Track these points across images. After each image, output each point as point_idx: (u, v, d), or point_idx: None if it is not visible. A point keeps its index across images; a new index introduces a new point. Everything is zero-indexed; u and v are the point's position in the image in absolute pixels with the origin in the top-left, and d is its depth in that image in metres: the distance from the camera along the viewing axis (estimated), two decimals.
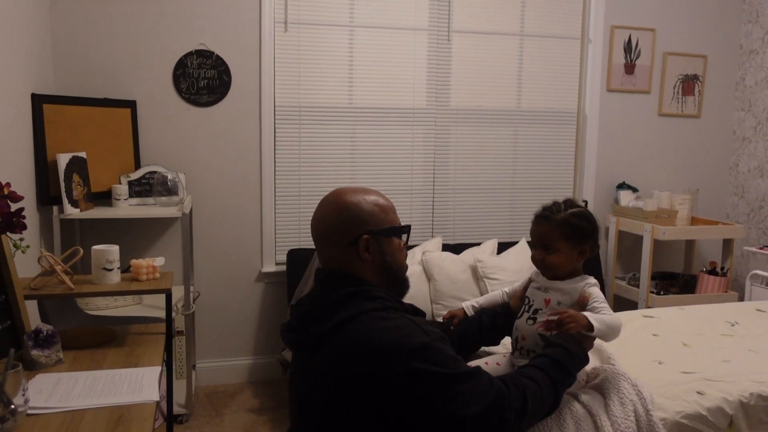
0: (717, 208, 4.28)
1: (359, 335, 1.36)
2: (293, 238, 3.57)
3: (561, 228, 1.69)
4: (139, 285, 2.02)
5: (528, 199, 3.90)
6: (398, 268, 1.53)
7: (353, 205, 1.48)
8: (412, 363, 1.31)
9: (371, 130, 3.62)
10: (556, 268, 1.71)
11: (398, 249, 1.52)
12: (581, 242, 1.71)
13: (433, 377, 1.31)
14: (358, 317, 1.38)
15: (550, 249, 1.70)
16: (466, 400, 1.33)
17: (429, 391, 1.31)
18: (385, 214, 1.51)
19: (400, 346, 1.32)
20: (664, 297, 3.68)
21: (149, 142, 3.26)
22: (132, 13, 3.18)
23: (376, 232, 1.47)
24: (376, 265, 1.49)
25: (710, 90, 4.17)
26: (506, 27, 3.77)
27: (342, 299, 1.42)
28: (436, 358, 1.33)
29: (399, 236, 1.53)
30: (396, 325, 1.37)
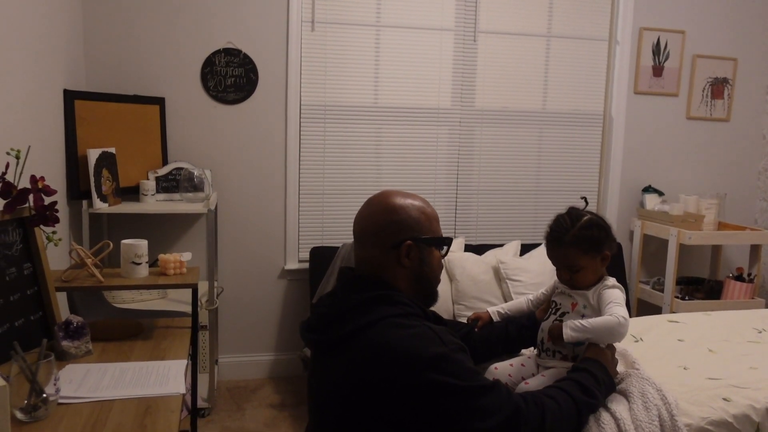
0: (745, 214, 4.22)
1: (378, 341, 1.36)
2: (317, 236, 3.59)
3: (577, 246, 1.69)
4: (167, 279, 2.05)
5: (552, 201, 3.88)
6: (433, 279, 1.54)
7: (402, 209, 1.49)
8: (428, 374, 1.31)
9: (396, 130, 3.63)
10: (585, 281, 1.73)
11: (437, 260, 1.53)
12: (600, 250, 1.71)
13: (450, 389, 1.31)
14: (379, 323, 1.38)
15: (574, 268, 1.70)
16: (483, 414, 1.32)
17: (445, 403, 1.31)
18: (429, 223, 1.51)
19: (418, 356, 1.32)
20: (689, 302, 3.64)
21: (177, 138, 3.31)
22: (162, 12, 3.22)
23: (419, 240, 1.48)
24: (412, 272, 1.49)
25: (740, 93, 4.11)
26: (533, 28, 3.76)
27: (365, 303, 1.42)
28: (453, 369, 1.33)
29: (440, 247, 1.53)
30: (415, 334, 1.36)
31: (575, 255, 1.69)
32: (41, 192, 1.75)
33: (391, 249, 1.46)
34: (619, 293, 1.69)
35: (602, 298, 1.68)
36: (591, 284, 1.73)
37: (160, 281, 2.04)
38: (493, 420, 1.33)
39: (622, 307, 1.65)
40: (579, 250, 1.68)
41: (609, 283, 1.71)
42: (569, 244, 1.69)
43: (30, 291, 1.77)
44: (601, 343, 1.65)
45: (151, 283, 2.02)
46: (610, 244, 1.73)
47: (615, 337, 1.65)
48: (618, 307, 1.64)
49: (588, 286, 1.73)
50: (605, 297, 1.68)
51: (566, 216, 1.74)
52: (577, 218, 1.72)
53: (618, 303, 1.65)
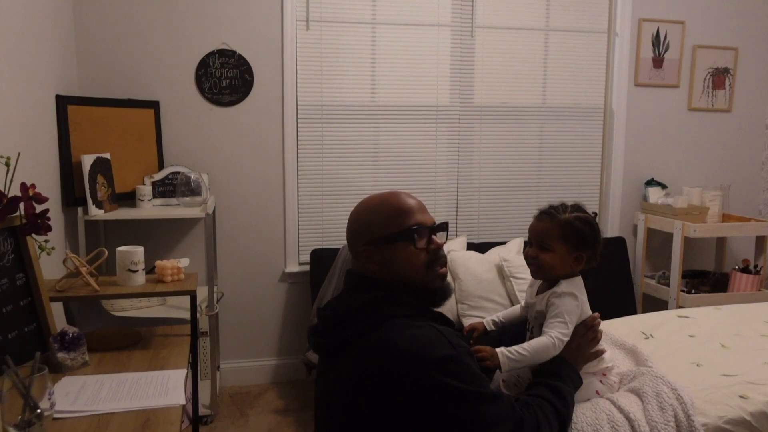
0: (749, 205, 4.17)
1: (383, 342, 1.33)
2: (316, 238, 3.54)
3: (562, 228, 1.61)
4: (164, 286, 2.00)
5: (554, 197, 3.83)
6: (412, 275, 1.44)
7: (355, 217, 1.49)
8: (434, 375, 1.27)
9: (394, 128, 3.58)
10: (547, 268, 1.62)
11: (407, 255, 1.43)
12: (579, 247, 1.62)
13: (455, 393, 1.28)
14: (384, 323, 1.36)
15: (545, 247, 1.63)
16: (489, 422, 1.29)
17: (449, 406, 1.28)
18: (385, 220, 1.44)
19: (424, 357, 1.29)
20: (696, 296, 3.59)
21: (172, 142, 3.26)
22: (154, 14, 3.17)
23: (374, 242, 1.43)
24: (385, 274, 1.44)
25: (741, 83, 4.06)
26: (531, 22, 3.71)
27: (368, 304, 1.40)
28: (460, 372, 1.30)
29: (406, 240, 1.43)
30: (421, 335, 1.33)
31: (555, 234, 1.61)
32: (32, 199, 1.70)
33: (357, 259, 1.47)
34: (569, 302, 1.58)
35: (550, 308, 1.60)
36: (551, 274, 1.64)
37: (158, 289, 1.99)
38: (498, 429, 1.29)
39: (563, 322, 1.55)
40: (561, 233, 1.61)
41: (560, 290, 1.60)
42: (557, 223, 1.61)
43: (23, 302, 1.72)
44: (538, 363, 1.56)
45: (148, 291, 1.97)
46: (592, 252, 1.64)
47: (549, 357, 1.54)
48: (558, 326, 1.55)
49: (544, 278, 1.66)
50: (552, 309, 1.59)
51: (571, 205, 1.70)
52: (579, 210, 1.67)
53: (560, 320, 1.56)
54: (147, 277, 2.06)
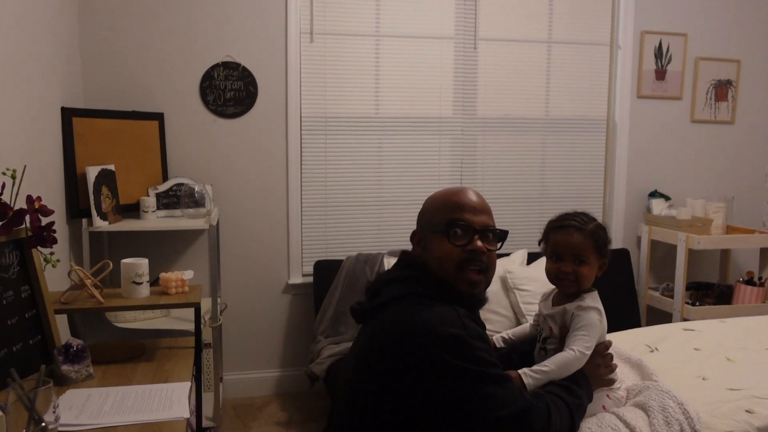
0: (753, 216, 4.16)
1: (399, 314, 1.39)
2: (320, 249, 3.54)
3: (593, 238, 1.64)
4: (168, 299, 2.00)
5: (557, 208, 3.78)
6: (438, 267, 1.45)
7: (424, 202, 1.57)
8: (440, 353, 1.30)
9: (398, 140, 3.59)
10: (586, 280, 1.64)
11: (441, 247, 1.45)
12: (605, 255, 1.66)
13: (456, 371, 1.30)
14: (406, 297, 1.42)
15: (583, 260, 1.64)
16: (496, 403, 1.31)
17: (451, 384, 1.30)
18: (436, 210, 1.50)
19: (431, 333, 1.32)
20: (700, 308, 3.58)
21: (177, 154, 3.27)
22: (159, 27, 3.19)
23: (423, 227, 1.52)
24: (423, 259, 1.49)
25: (744, 95, 4.07)
26: (533, 34, 3.72)
27: (400, 279, 1.47)
28: (466, 353, 1.31)
29: (445, 233, 1.45)
30: (437, 312, 1.36)
31: (588, 246, 1.63)
32: (38, 212, 1.70)
33: (411, 239, 1.56)
34: (594, 316, 1.60)
35: (574, 320, 1.60)
36: (585, 287, 1.65)
37: (162, 301, 1.99)
38: (504, 411, 1.30)
39: (588, 336, 1.56)
40: (592, 244, 1.63)
41: (585, 304, 1.61)
42: (587, 235, 1.63)
43: (28, 314, 1.72)
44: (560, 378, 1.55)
45: (152, 303, 1.97)
46: (610, 256, 1.68)
47: (573, 371, 1.54)
48: (582, 339, 1.55)
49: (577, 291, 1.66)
50: (576, 321, 1.59)
51: (582, 213, 1.70)
52: (593, 218, 1.69)
53: (584, 333, 1.56)
54: (151, 288, 2.06)
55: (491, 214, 1.52)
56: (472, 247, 1.44)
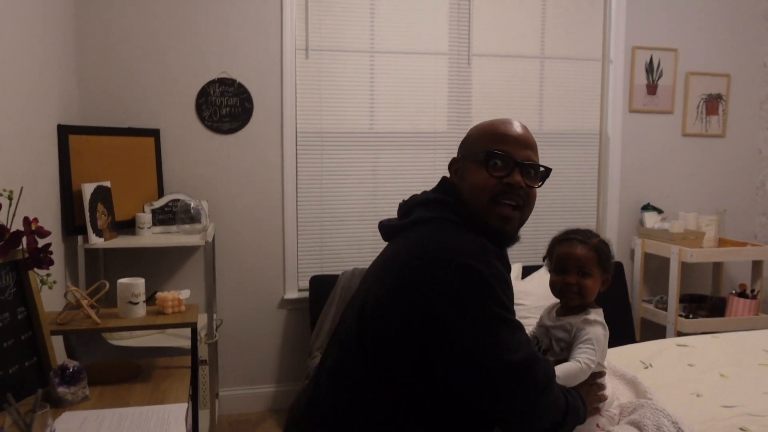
0: (745, 229, 4.20)
1: (425, 235, 1.36)
2: (316, 264, 3.55)
3: (597, 252, 1.66)
4: (165, 319, 2.00)
5: (551, 222, 3.85)
6: (471, 197, 1.42)
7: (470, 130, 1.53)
8: (453, 282, 1.25)
9: (393, 155, 3.61)
10: (590, 293, 1.65)
11: (477, 177, 1.41)
12: (608, 270, 1.68)
13: (470, 306, 1.25)
14: (434, 221, 1.39)
15: (587, 273, 1.65)
16: (503, 346, 1.26)
17: (462, 319, 1.25)
18: (478, 138, 1.46)
19: (449, 260, 1.27)
20: (694, 321, 3.60)
21: (172, 170, 3.27)
22: (155, 43, 3.21)
23: (463, 155, 1.48)
24: (461, 189, 1.45)
25: (734, 109, 4.11)
26: (526, 49, 3.76)
27: (432, 201, 1.44)
28: (482, 289, 1.26)
29: (483, 163, 1.40)
30: (462, 240, 1.32)
31: (593, 260, 1.65)
32: (35, 234, 1.71)
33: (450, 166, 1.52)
34: (600, 331, 1.60)
35: (579, 333, 1.60)
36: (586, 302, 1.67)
37: (159, 321, 1.99)
38: (510, 356, 1.25)
39: (593, 349, 1.56)
40: (597, 257, 1.65)
41: (591, 318, 1.62)
42: (592, 248, 1.65)
43: (24, 336, 1.72)
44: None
45: (149, 323, 1.97)
46: (612, 273, 1.70)
47: (576, 383, 1.54)
48: (588, 351, 1.56)
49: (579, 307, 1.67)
50: (582, 334, 1.60)
51: (585, 230, 1.72)
52: (596, 235, 1.72)
53: (590, 346, 1.57)
54: (148, 307, 2.06)
55: (536, 151, 1.47)
56: (510, 180, 1.40)
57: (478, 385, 1.28)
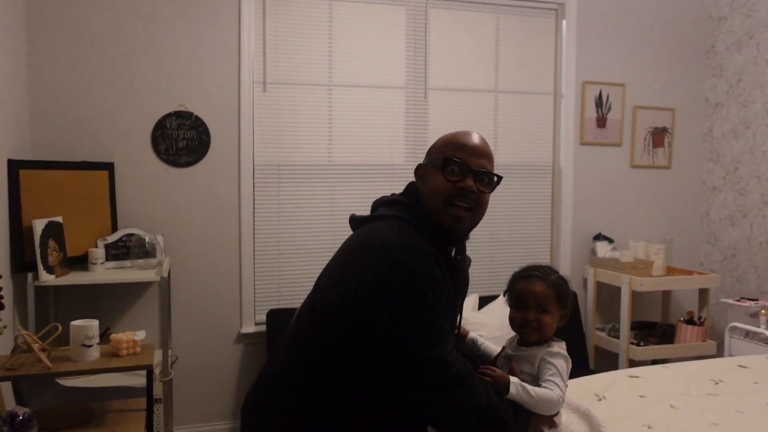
0: (691, 257, 4.35)
1: (373, 230, 1.51)
2: (273, 298, 3.53)
3: (555, 288, 1.70)
4: (119, 361, 1.97)
5: (507, 252, 3.93)
6: (429, 198, 1.54)
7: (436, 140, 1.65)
8: (384, 272, 1.38)
9: (351, 187, 3.63)
10: (548, 329, 1.69)
11: (436, 181, 1.53)
12: (566, 306, 1.72)
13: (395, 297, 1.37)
14: (389, 218, 1.53)
15: (545, 309, 1.69)
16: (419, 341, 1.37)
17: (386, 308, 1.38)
18: (441, 147, 1.58)
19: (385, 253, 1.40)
20: (645, 348, 3.69)
21: (127, 204, 3.23)
22: (110, 76, 3.18)
23: (426, 161, 1.60)
24: (422, 193, 1.58)
25: (679, 142, 4.28)
26: (481, 84, 3.85)
27: (392, 201, 1.59)
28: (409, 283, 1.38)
29: (440, 167, 1.53)
30: (404, 238, 1.44)
31: (551, 296, 1.69)
32: None
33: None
34: (563, 364, 1.65)
35: (544, 365, 1.64)
36: (545, 337, 1.71)
37: (113, 364, 1.95)
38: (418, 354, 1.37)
39: (563, 379, 1.61)
40: (555, 294, 1.69)
41: (554, 350, 1.67)
42: (550, 284, 1.69)
43: None
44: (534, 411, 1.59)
45: (103, 367, 1.93)
46: (571, 309, 1.75)
47: (548, 413, 1.59)
48: (559, 382, 1.60)
49: (539, 341, 1.71)
50: (548, 366, 1.64)
51: (545, 266, 1.76)
52: (555, 271, 1.75)
53: (561, 380, 1.61)
54: (102, 347, 2.02)
55: (492, 161, 1.59)
56: (463, 184, 1.52)
57: (391, 373, 1.40)
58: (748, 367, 2.57)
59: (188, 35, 3.29)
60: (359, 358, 1.44)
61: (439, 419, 1.45)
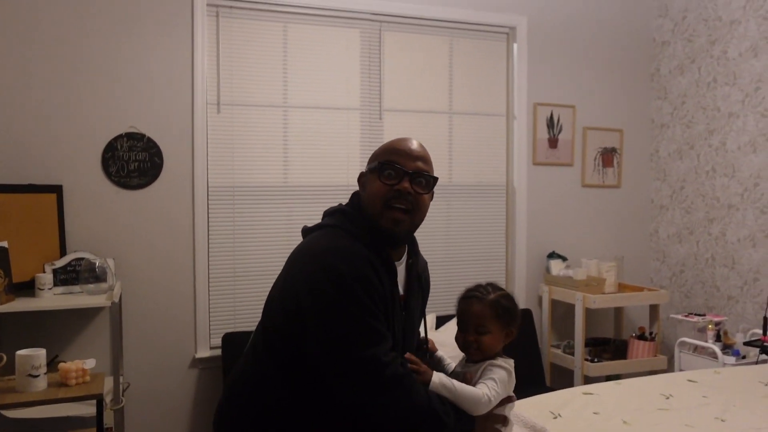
0: (641, 274, 4.46)
1: (309, 240, 1.60)
2: (229, 321, 3.47)
3: (493, 308, 1.71)
4: (68, 391, 1.91)
5: (463, 271, 3.96)
6: (368, 203, 1.61)
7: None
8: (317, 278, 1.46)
9: (307, 208, 3.62)
10: (489, 349, 1.70)
11: (375, 185, 1.59)
12: (509, 324, 1.73)
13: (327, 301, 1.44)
14: (328, 227, 1.61)
15: (483, 330, 1.71)
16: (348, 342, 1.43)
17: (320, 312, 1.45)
18: (378, 154, 1.65)
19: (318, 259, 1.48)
20: (599, 364, 3.76)
21: (76, 227, 3.15)
22: (59, 97, 3.11)
23: (367, 170, 1.66)
24: (363, 199, 1.65)
25: (628, 161, 4.40)
26: (435, 105, 3.90)
27: (334, 211, 1.67)
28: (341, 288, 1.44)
29: (378, 172, 1.58)
30: (338, 244, 1.52)
31: (489, 317, 1.70)
32: None
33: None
34: (503, 373, 1.67)
35: (485, 372, 1.67)
36: (488, 356, 1.72)
37: (61, 394, 1.90)
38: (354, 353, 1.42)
39: (497, 385, 1.63)
40: (494, 313, 1.70)
41: (497, 363, 1.69)
42: (487, 305, 1.70)
43: None
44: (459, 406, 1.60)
45: (50, 398, 1.87)
46: (517, 326, 1.76)
47: (473, 411, 1.60)
48: (491, 385, 1.63)
49: (483, 358, 1.73)
50: (487, 372, 1.67)
51: (488, 285, 1.78)
52: (498, 288, 1.77)
53: (493, 382, 1.63)
54: (49, 376, 1.96)
55: (429, 163, 1.65)
56: (399, 186, 1.57)
57: (329, 376, 1.47)
58: (697, 381, 2.64)
59: (140, 55, 3.24)
60: (307, 365, 1.50)
61: (378, 420, 1.49)
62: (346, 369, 1.45)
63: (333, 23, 3.65)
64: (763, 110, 3.71)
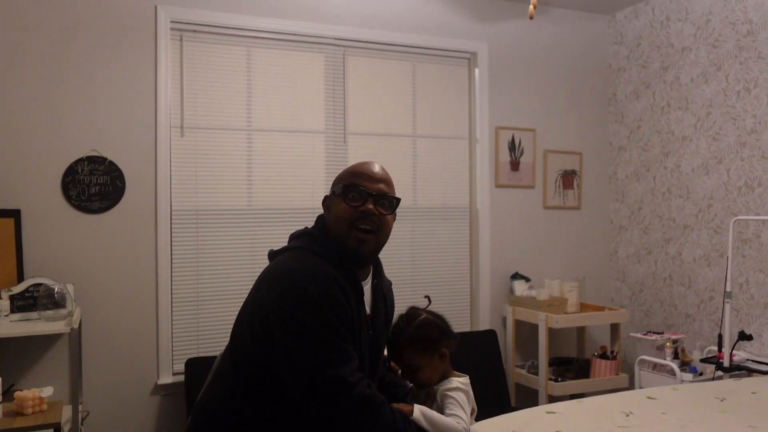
0: (602, 293, 4.54)
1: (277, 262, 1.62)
2: (192, 346, 3.43)
3: (411, 346, 1.74)
4: (24, 420, 1.87)
5: (428, 292, 3.94)
6: (334, 225, 1.64)
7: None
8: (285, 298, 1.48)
9: (271, 231, 3.61)
10: (426, 377, 1.75)
11: (340, 208, 1.63)
12: (436, 349, 1.75)
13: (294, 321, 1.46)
14: (295, 249, 1.63)
15: (412, 368, 1.74)
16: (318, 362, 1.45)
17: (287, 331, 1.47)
18: (341, 177, 1.69)
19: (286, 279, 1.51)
20: (562, 384, 3.80)
21: (35, 252, 3.09)
22: (17, 119, 3.07)
23: (331, 193, 1.70)
24: (328, 221, 1.68)
25: (587, 183, 4.51)
26: (398, 128, 3.95)
27: (301, 234, 1.70)
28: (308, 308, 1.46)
29: (342, 195, 1.63)
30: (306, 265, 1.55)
31: (411, 355, 1.73)
32: None
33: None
34: (463, 396, 1.71)
35: (445, 400, 1.70)
36: (434, 382, 1.75)
37: (17, 423, 1.85)
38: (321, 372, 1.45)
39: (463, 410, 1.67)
40: (414, 350, 1.73)
41: (452, 386, 1.72)
42: (404, 345, 1.74)
43: None
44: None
45: (6, 427, 1.83)
46: (448, 341, 1.78)
47: None
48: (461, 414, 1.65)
49: (432, 385, 1.75)
50: (448, 400, 1.69)
51: (403, 316, 1.81)
52: (412, 318, 1.79)
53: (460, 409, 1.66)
54: (5, 406, 1.91)
55: (390, 185, 1.71)
56: (364, 208, 1.62)
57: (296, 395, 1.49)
58: (656, 398, 2.69)
59: (102, 78, 3.23)
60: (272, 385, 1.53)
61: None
62: (312, 389, 1.47)
63: (297, 47, 3.69)
64: (714, 134, 3.84)
